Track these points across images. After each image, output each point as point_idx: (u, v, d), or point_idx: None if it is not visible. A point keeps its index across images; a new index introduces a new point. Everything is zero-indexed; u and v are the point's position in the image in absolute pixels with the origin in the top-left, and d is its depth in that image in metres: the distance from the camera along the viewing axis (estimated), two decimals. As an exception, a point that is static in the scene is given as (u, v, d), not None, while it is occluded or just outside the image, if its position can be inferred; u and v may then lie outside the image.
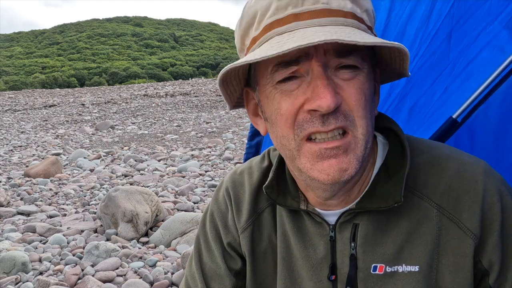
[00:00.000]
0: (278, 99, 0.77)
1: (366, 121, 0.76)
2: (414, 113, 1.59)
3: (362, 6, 0.77)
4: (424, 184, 0.84)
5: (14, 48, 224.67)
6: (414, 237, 0.83)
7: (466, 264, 0.81)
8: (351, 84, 0.74)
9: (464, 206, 0.81)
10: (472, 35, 1.46)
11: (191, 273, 1.07)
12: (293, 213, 0.92)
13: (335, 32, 0.69)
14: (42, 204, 5.43)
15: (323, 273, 0.89)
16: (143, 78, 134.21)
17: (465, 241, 0.81)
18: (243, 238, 0.98)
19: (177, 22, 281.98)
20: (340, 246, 0.87)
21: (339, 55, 0.73)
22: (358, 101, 0.74)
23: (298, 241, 0.91)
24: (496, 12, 1.41)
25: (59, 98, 26.68)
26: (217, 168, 7.25)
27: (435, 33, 1.50)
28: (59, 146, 10.75)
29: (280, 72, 0.75)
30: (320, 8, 0.73)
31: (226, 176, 1.07)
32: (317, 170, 0.76)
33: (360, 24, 0.76)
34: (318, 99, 0.71)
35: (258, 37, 0.78)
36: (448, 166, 0.84)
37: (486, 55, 1.44)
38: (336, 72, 0.74)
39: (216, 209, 1.04)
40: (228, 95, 0.86)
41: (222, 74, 0.77)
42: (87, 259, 3.58)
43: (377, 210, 0.83)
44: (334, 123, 0.73)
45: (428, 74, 1.55)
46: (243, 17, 0.81)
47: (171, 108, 18.93)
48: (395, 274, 0.84)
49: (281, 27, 0.74)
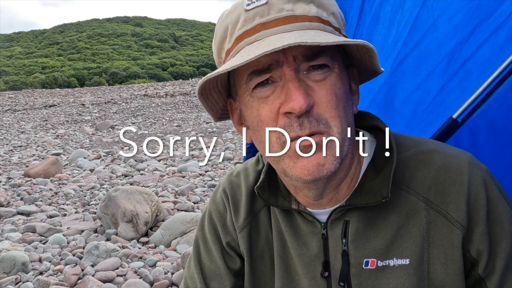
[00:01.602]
0: (256, 106, 0.80)
1: (340, 119, 0.78)
2: (408, 107, 1.60)
3: (327, 9, 0.80)
4: (411, 179, 0.86)
5: (14, 48, 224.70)
6: (403, 230, 0.85)
7: (456, 255, 0.83)
8: (322, 86, 0.77)
9: (450, 197, 0.83)
10: (464, 32, 1.46)
11: (190, 274, 1.08)
12: (286, 212, 0.95)
13: (299, 36, 0.72)
14: (42, 204, 5.44)
15: (317, 270, 0.91)
16: (143, 78, 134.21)
17: (453, 232, 0.83)
18: (241, 237, 0.99)
19: (177, 22, 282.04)
20: (332, 243, 0.89)
21: (308, 59, 0.76)
22: (329, 102, 0.77)
23: (292, 239, 0.93)
24: (488, 10, 1.41)
25: (59, 98, 26.69)
26: (217, 168, 7.26)
27: (414, 22, 1.51)
28: (59, 146, 10.76)
29: (254, 80, 0.78)
30: (285, 15, 0.77)
31: (222, 178, 1.09)
32: (298, 167, 0.78)
33: (326, 27, 0.79)
34: (290, 101, 0.74)
35: (231, 49, 0.81)
36: (433, 159, 0.86)
37: (484, 54, 1.44)
38: (308, 75, 0.77)
39: (214, 210, 1.05)
40: (210, 107, 0.89)
41: (200, 87, 0.80)
42: (87, 259, 3.58)
43: (366, 206, 0.85)
44: (309, 128, 0.76)
45: (418, 67, 1.55)
46: (217, 32, 0.85)
47: (171, 108, 18.93)
48: (386, 268, 0.85)
49: (250, 37, 0.78)
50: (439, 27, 1.48)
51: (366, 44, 0.75)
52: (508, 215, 0.83)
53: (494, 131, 1.46)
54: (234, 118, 0.92)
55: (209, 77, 0.78)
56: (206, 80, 0.79)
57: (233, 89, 0.86)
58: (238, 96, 0.85)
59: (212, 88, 0.85)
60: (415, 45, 1.53)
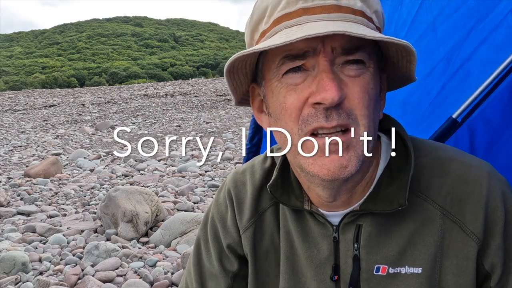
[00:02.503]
0: (283, 93, 0.77)
1: (369, 120, 0.76)
2: (409, 108, 1.60)
3: (371, 6, 0.78)
4: (428, 186, 0.84)
5: (14, 48, 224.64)
6: (417, 238, 0.83)
7: (469, 267, 0.81)
8: (356, 82, 0.74)
9: (468, 208, 0.81)
10: (463, 30, 1.46)
11: (189, 274, 1.08)
12: (296, 213, 0.92)
13: (343, 26, 0.70)
14: (42, 204, 5.43)
15: (326, 273, 0.89)
16: (143, 78, 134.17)
17: (469, 244, 0.80)
18: (245, 237, 0.98)
19: (177, 22, 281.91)
20: (343, 247, 0.87)
21: (346, 53, 0.74)
22: (361, 99, 0.74)
23: (301, 240, 0.91)
24: (485, 10, 1.41)
25: (59, 98, 26.68)
26: (217, 168, 7.26)
27: (412, 21, 1.51)
28: (59, 146, 10.76)
29: (286, 65, 0.75)
30: (330, 4, 0.74)
31: (228, 176, 1.07)
32: (318, 165, 0.76)
33: (369, 23, 0.77)
34: (322, 92, 0.72)
35: (268, 30, 0.79)
36: (452, 168, 0.84)
37: (483, 54, 1.44)
38: (342, 68, 0.74)
39: (216, 211, 1.04)
40: (234, 87, 0.86)
41: (229, 63, 0.78)
42: (87, 259, 3.58)
43: (381, 212, 0.83)
44: (337, 120, 0.73)
45: (417, 66, 1.55)
46: (254, 12, 0.81)
47: (171, 108, 18.93)
48: (398, 275, 0.83)
49: (290, 20, 0.75)
50: (437, 26, 1.48)
51: (409, 47, 0.73)
52: None
53: (493, 131, 1.47)
54: (254, 105, 0.90)
55: (240, 54, 0.75)
56: (236, 57, 0.76)
57: (260, 73, 0.83)
58: (264, 81, 0.82)
59: (240, 68, 0.82)
60: (413, 44, 1.53)
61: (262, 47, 0.72)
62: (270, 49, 0.74)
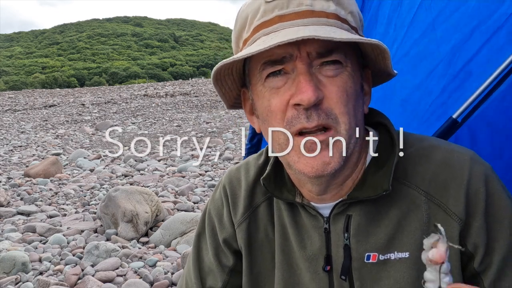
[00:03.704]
0: (267, 96, 0.82)
1: (349, 117, 0.79)
2: (409, 107, 1.60)
3: (346, 8, 0.82)
4: (413, 174, 0.87)
5: (14, 48, 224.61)
6: (404, 224, 0.86)
7: (453, 248, 0.83)
8: (333, 82, 0.79)
9: (451, 191, 0.84)
10: (464, 31, 1.46)
11: (188, 271, 1.11)
12: (290, 206, 0.96)
13: (315, 30, 0.74)
14: (42, 204, 5.43)
15: (319, 264, 0.92)
16: (143, 78, 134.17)
17: (451, 225, 0.83)
18: (239, 231, 1.01)
19: (177, 22, 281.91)
20: (334, 237, 0.90)
21: (321, 56, 0.78)
22: (339, 98, 0.78)
23: (295, 233, 0.94)
24: (488, 11, 1.41)
25: (59, 98, 26.69)
26: (217, 168, 7.26)
27: (411, 21, 1.51)
28: (59, 146, 10.76)
29: (267, 70, 0.81)
30: (304, 9, 0.79)
31: (224, 174, 1.10)
32: (302, 163, 0.81)
33: (343, 24, 0.81)
34: (299, 93, 0.76)
35: (248, 38, 0.84)
36: (435, 155, 0.88)
37: (485, 55, 1.44)
38: (320, 69, 0.79)
39: (213, 207, 1.07)
40: (223, 93, 0.91)
41: (214, 72, 0.83)
42: (87, 259, 3.58)
43: (368, 200, 0.86)
44: (317, 120, 0.78)
45: (417, 66, 1.55)
46: (237, 21, 0.87)
47: (171, 108, 18.93)
48: (387, 261, 0.86)
49: (267, 28, 0.81)
50: (437, 26, 1.48)
51: (380, 45, 0.76)
52: (510, 212, 0.83)
53: (493, 131, 1.47)
54: (246, 108, 0.95)
55: (223, 63, 0.80)
56: (220, 66, 0.81)
57: (247, 78, 0.88)
58: (251, 86, 0.87)
59: (226, 75, 0.87)
60: (413, 44, 1.53)
61: (241, 55, 0.77)
62: (253, 56, 0.79)
